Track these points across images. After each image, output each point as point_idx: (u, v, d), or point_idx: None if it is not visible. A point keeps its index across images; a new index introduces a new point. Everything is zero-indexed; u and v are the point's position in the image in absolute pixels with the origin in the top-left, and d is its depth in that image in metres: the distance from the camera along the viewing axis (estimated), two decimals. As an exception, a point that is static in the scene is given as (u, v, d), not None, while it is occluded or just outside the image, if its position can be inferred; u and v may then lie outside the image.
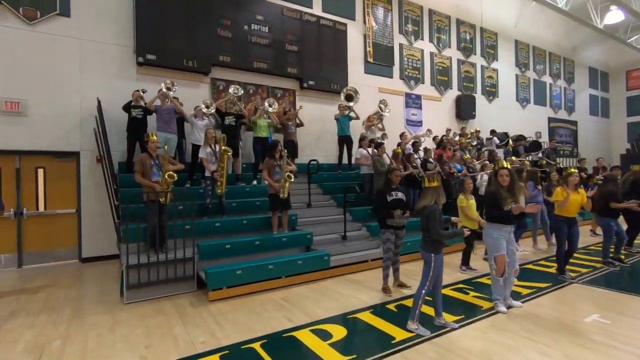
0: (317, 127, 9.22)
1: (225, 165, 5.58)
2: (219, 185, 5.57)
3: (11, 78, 5.92)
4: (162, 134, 5.94)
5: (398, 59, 10.99)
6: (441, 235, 3.26)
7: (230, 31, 7.83)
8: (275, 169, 5.60)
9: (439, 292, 3.43)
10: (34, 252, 6.27)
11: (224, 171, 5.58)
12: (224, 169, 5.56)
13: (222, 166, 5.55)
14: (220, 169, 5.56)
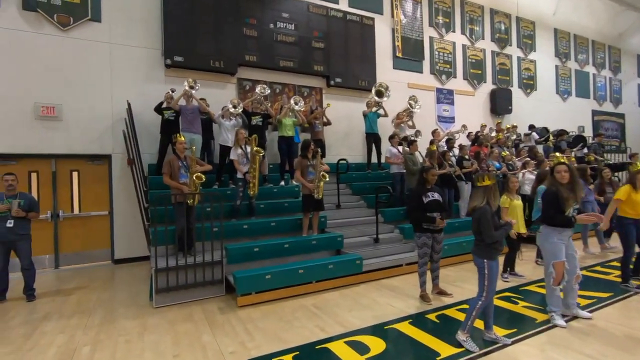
0: (345, 125, 8.96)
1: (257, 167, 5.45)
2: (251, 186, 5.45)
3: (47, 84, 6.07)
4: (187, 134, 5.88)
5: (428, 53, 10.53)
6: (494, 237, 2.92)
7: (256, 30, 7.73)
8: (308, 169, 5.41)
9: (491, 302, 3.08)
10: (70, 254, 6.41)
11: (256, 172, 5.46)
12: (256, 170, 5.43)
13: (254, 167, 5.42)
14: (252, 170, 5.44)
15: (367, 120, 8.21)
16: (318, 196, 5.35)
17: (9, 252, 4.51)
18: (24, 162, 6.12)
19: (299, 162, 5.47)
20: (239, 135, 5.61)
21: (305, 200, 5.42)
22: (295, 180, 5.65)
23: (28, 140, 5.95)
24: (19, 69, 5.89)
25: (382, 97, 8.24)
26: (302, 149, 5.52)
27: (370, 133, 8.19)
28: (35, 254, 6.06)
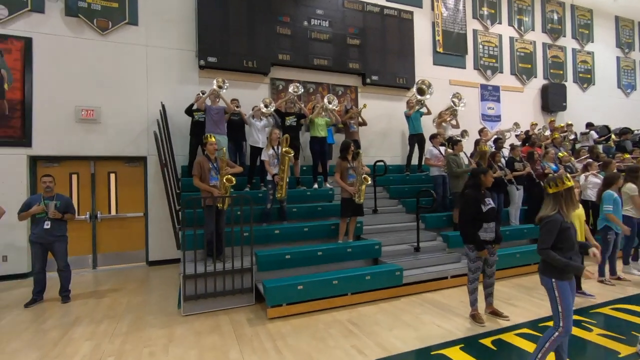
0: (381, 125, 8.52)
1: (287, 168, 5.19)
2: (278, 189, 5.19)
3: (87, 87, 6.19)
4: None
5: (472, 47, 9.82)
6: (551, 257, 2.41)
7: (289, 28, 7.51)
8: (348, 171, 5.06)
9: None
10: (107, 254, 6.50)
11: (284, 174, 5.19)
12: (285, 171, 5.17)
13: (282, 169, 5.17)
14: (281, 172, 5.18)
15: (410, 121, 7.72)
16: (359, 200, 4.99)
17: (46, 253, 4.55)
18: (65, 164, 6.28)
19: (339, 164, 5.13)
20: (272, 135, 5.37)
21: (344, 204, 5.07)
22: (336, 183, 5.31)
23: (69, 143, 6.09)
24: (62, 74, 6.05)
25: (424, 94, 7.72)
26: (341, 150, 5.18)
27: (414, 134, 7.69)
28: (74, 254, 6.27)
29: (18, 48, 5.80)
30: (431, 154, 6.63)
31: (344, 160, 5.13)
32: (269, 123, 6.23)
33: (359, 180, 5.02)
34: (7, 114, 5.75)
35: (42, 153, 5.97)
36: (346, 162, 5.12)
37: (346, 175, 5.10)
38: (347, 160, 5.13)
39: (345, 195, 5.08)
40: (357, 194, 5.01)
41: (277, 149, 5.38)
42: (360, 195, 5.02)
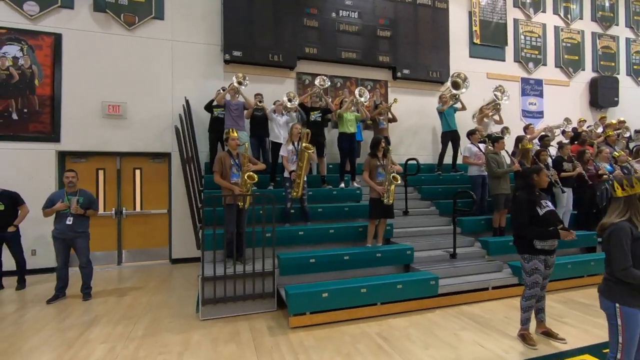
0: (412, 121, 8.05)
1: (305, 165, 4.87)
2: (294, 187, 4.90)
3: (113, 83, 6.17)
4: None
5: (512, 38, 9.11)
6: (630, 275, 1.96)
7: (317, 20, 7.21)
8: (377, 170, 4.70)
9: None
10: (131, 251, 6.47)
11: (302, 171, 4.88)
12: (303, 168, 4.85)
13: (300, 166, 4.86)
14: (299, 168, 4.88)
15: (443, 117, 7.22)
16: (388, 201, 4.62)
17: (68, 249, 4.49)
18: (92, 159, 6.29)
19: (368, 162, 4.78)
20: (293, 130, 5.08)
21: (372, 205, 4.72)
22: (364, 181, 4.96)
23: (96, 138, 6.09)
24: (89, 69, 6.05)
25: (459, 88, 7.20)
26: (372, 146, 4.82)
27: (448, 131, 7.19)
28: (100, 249, 6.29)
29: (48, 44, 5.85)
30: (470, 152, 6.11)
31: (374, 158, 4.77)
32: (291, 118, 5.95)
33: (388, 180, 4.65)
34: (38, 109, 5.81)
35: (69, 148, 6.00)
36: (376, 159, 4.75)
37: (375, 174, 4.74)
38: (377, 157, 4.76)
39: (373, 195, 4.73)
40: (386, 194, 4.64)
41: (297, 145, 5.08)
42: (389, 195, 4.64)
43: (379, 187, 4.64)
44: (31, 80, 5.78)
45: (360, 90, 6.14)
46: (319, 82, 6.06)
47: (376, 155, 4.77)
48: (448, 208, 5.98)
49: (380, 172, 4.74)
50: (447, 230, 5.50)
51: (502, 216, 5.48)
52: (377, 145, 4.78)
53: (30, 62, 5.76)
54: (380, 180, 4.71)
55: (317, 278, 4.19)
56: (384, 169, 4.73)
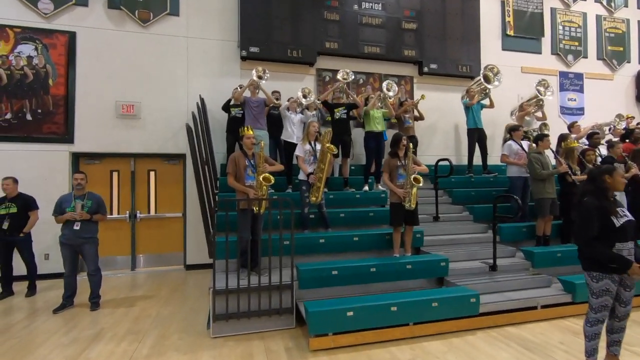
0: (440, 119, 7.51)
1: (327, 168, 4.44)
2: (313, 191, 4.47)
3: (127, 81, 5.97)
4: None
5: (549, 29, 8.42)
6: None
7: (338, 13, 6.80)
8: (398, 170, 4.24)
9: None
10: (145, 256, 6.24)
11: (323, 174, 4.45)
12: (324, 171, 4.43)
13: (321, 167, 4.44)
14: (319, 170, 4.46)
15: (470, 112, 6.65)
16: (410, 206, 4.14)
17: (76, 255, 4.25)
18: (106, 161, 6.11)
19: (387, 162, 4.33)
20: (310, 127, 4.67)
21: (393, 210, 4.26)
22: (384, 183, 4.51)
23: (110, 139, 5.89)
24: (103, 68, 5.87)
25: (490, 82, 6.62)
26: (391, 145, 4.37)
27: (474, 129, 6.62)
28: (113, 253, 6.10)
29: (62, 43, 5.70)
30: (509, 150, 5.53)
31: (394, 157, 4.30)
32: (306, 117, 5.55)
33: (409, 182, 4.16)
34: (52, 109, 5.66)
35: (83, 149, 5.82)
36: (396, 159, 4.28)
37: (396, 176, 4.27)
38: (398, 157, 4.29)
39: (393, 199, 4.26)
40: (407, 198, 4.15)
41: (314, 145, 4.67)
42: (411, 199, 4.15)
43: (399, 190, 4.17)
44: (45, 80, 5.64)
45: (388, 83, 5.67)
46: (342, 76, 5.63)
47: (396, 154, 4.30)
48: (484, 213, 5.44)
49: (401, 173, 4.27)
50: (484, 239, 4.96)
51: (547, 223, 4.88)
52: (397, 143, 4.32)
53: (44, 61, 5.63)
54: (401, 183, 4.24)
55: (340, 292, 3.77)
56: (405, 169, 4.25)
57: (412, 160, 4.21)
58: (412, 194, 4.12)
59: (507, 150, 5.49)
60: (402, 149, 4.27)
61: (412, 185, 4.11)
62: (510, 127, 5.94)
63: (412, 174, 4.13)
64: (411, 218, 4.22)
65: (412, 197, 4.12)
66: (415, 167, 4.18)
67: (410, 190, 4.11)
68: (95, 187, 5.96)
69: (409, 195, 4.11)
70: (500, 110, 7.25)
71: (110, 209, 6.08)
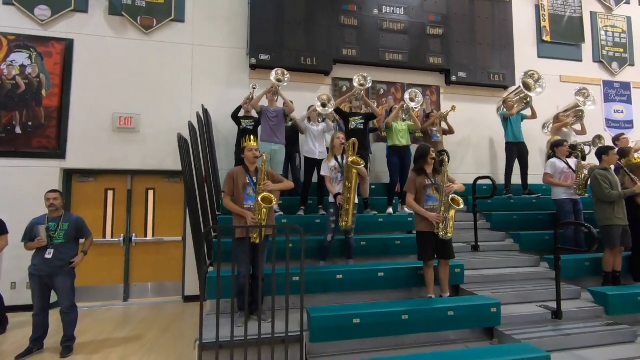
0: (472, 133, 6.72)
1: (354, 185, 3.71)
2: (342, 215, 3.72)
3: (126, 92, 5.48)
4: (266, 145, 4.52)
5: (590, 34, 7.63)
6: None
7: (356, 18, 6.23)
8: (426, 191, 3.46)
9: None
10: (140, 285, 5.56)
11: (351, 194, 3.71)
12: (352, 190, 3.69)
13: (348, 186, 3.71)
14: (347, 190, 3.73)
15: (508, 125, 5.86)
16: (445, 235, 3.33)
17: (48, 289, 3.58)
18: (101, 178, 5.56)
19: (413, 181, 3.54)
20: (335, 140, 3.96)
21: (421, 240, 3.45)
22: (408, 206, 3.71)
23: (106, 155, 5.36)
24: (101, 78, 5.41)
25: (531, 90, 5.83)
26: (417, 158, 3.60)
27: (513, 142, 5.81)
28: (105, 282, 5.44)
29: (59, 51, 5.29)
30: (553, 168, 4.68)
31: (420, 175, 3.52)
32: (328, 127, 4.87)
33: (444, 203, 3.36)
34: (43, 122, 5.19)
35: (76, 166, 5.29)
36: (423, 176, 3.50)
37: (423, 197, 3.48)
38: (425, 174, 3.51)
39: (421, 226, 3.45)
40: (442, 225, 3.34)
41: (342, 160, 3.95)
42: (447, 226, 3.34)
43: (432, 215, 3.36)
44: (38, 91, 5.20)
45: (411, 93, 4.96)
46: (359, 82, 4.96)
47: (423, 170, 3.52)
48: (533, 242, 4.56)
49: (431, 194, 3.47)
50: (536, 274, 4.07)
51: (617, 257, 3.96)
52: (424, 157, 3.54)
53: (38, 70, 5.21)
54: (431, 206, 3.44)
55: (364, 345, 2.95)
56: (436, 189, 3.46)
57: (447, 177, 3.42)
58: (449, 218, 3.31)
59: (550, 168, 4.63)
60: (431, 163, 3.50)
61: (449, 208, 3.31)
62: (554, 142, 5.10)
63: (449, 193, 3.34)
64: (445, 250, 3.40)
65: (448, 223, 3.31)
66: (451, 186, 3.39)
67: (446, 215, 3.30)
68: (88, 207, 5.46)
69: (445, 221, 3.30)
70: (537, 123, 6.45)
71: (104, 231, 5.49)
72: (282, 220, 4.35)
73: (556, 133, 6.04)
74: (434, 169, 3.53)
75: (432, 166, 3.52)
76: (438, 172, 3.51)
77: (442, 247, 3.41)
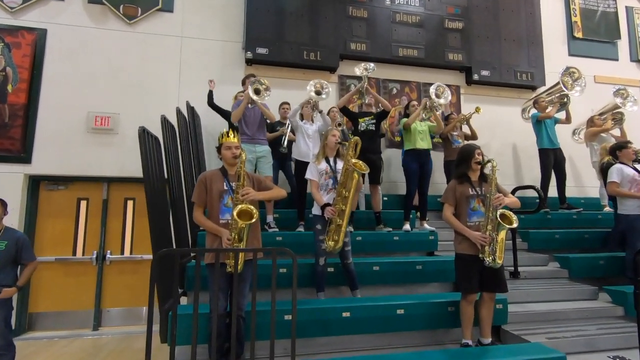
0: (491, 139, 5.91)
1: (352, 196, 2.87)
2: (329, 233, 2.89)
3: (105, 89, 4.83)
4: (250, 147, 3.76)
5: (626, 31, 6.86)
6: None
7: (365, 10, 5.56)
8: (470, 203, 2.66)
9: None
10: (113, 311, 4.78)
11: (347, 206, 2.88)
12: (349, 201, 2.86)
13: (344, 196, 2.89)
14: (339, 202, 2.90)
15: (542, 129, 5.07)
16: (493, 261, 2.51)
17: (-23, 323, 2.84)
18: (73, 186, 4.86)
19: (452, 189, 2.74)
20: (329, 137, 3.14)
21: (463, 266, 2.64)
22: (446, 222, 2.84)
23: (79, 159, 4.66)
24: (77, 72, 4.77)
25: (570, 90, 5.04)
26: (459, 162, 2.82)
27: (550, 149, 5.00)
28: (71, 307, 4.67)
29: (29, 42, 4.67)
30: (621, 175, 3.79)
31: (463, 183, 2.72)
32: (325, 124, 4.01)
33: (492, 221, 2.56)
34: (7, 121, 4.53)
35: (44, 171, 4.60)
36: (467, 185, 2.70)
37: (466, 210, 2.68)
38: (469, 181, 2.72)
39: (463, 248, 2.64)
40: (490, 248, 2.53)
41: (334, 163, 3.16)
42: (495, 250, 2.53)
43: (476, 234, 2.56)
44: (3, 86, 4.56)
45: (438, 87, 4.16)
46: (362, 72, 4.18)
47: (467, 177, 2.73)
48: (587, 267, 3.70)
49: (476, 207, 2.67)
50: (598, 311, 3.20)
51: None
52: (467, 161, 2.75)
53: (4, 63, 4.59)
54: (476, 222, 2.64)
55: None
56: (481, 201, 2.66)
57: (496, 187, 2.62)
58: (499, 239, 2.50)
59: (617, 175, 3.76)
60: (476, 169, 2.71)
61: (498, 228, 2.51)
62: (615, 144, 4.24)
63: (497, 207, 2.54)
64: (493, 280, 2.57)
65: (498, 246, 2.50)
66: (501, 199, 2.58)
67: (494, 235, 2.50)
68: (57, 220, 4.75)
69: (493, 243, 2.49)
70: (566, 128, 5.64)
71: (74, 248, 4.77)
72: (276, 238, 3.58)
73: (591, 139, 5.23)
74: (480, 176, 2.74)
75: (479, 172, 2.74)
76: (485, 180, 2.71)
77: (489, 276, 2.59)
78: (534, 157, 5.35)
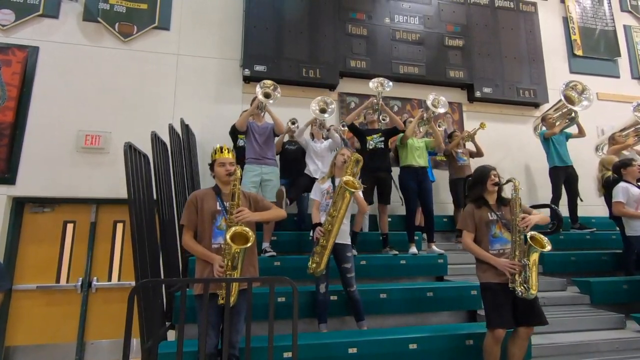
0: (502, 158, 5.74)
1: (341, 215, 2.63)
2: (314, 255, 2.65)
3: (97, 107, 4.65)
4: (254, 168, 3.57)
5: (625, 49, 6.85)
6: None
7: (365, 27, 5.51)
8: (491, 229, 2.42)
9: None
10: (98, 343, 4.42)
11: (333, 227, 2.64)
12: (337, 220, 2.62)
13: (334, 215, 2.65)
14: (327, 223, 2.67)
15: (551, 146, 4.93)
16: (525, 292, 2.25)
17: None
18: (60, 208, 4.60)
19: (470, 214, 2.49)
20: (338, 157, 2.96)
21: (492, 297, 2.36)
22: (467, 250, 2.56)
23: (67, 180, 4.42)
24: (68, 90, 4.61)
25: (575, 104, 4.91)
26: (473, 184, 2.59)
27: (560, 167, 4.83)
28: (52, 339, 4.31)
29: (20, 59, 4.53)
30: (626, 195, 3.61)
31: (481, 207, 2.49)
32: (335, 143, 3.88)
33: (519, 245, 2.31)
34: (-7, 140, 4.33)
35: (29, 193, 4.34)
36: (485, 209, 2.47)
37: (487, 237, 2.43)
38: (487, 205, 2.49)
39: (489, 277, 2.38)
40: (520, 277, 2.28)
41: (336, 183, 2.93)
42: (528, 278, 2.27)
43: (502, 262, 2.31)
44: (-10, 104, 4.40)
45: (435, 99, 4.01)
46: (375, 86, 4.06)
47: (484, 200, 2.50)
48: (609, 293, 3.42)
49: (497, 234, 2.43)
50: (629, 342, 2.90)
51: None
52: (483, 183, 2.52)
53: (-7, 81, 4.44)
54: (499, 250, 2.40)
55: None
56: (504, 226, 2.42)
57: (519, 207, 2.39)
58: (530, 266, 2.25)
59: (622, 195, 3.56)
60: (493, 190, 2.48)
61: (529, 252, 2.26)
62: (619, 161, 4.08)
63: (524, 229, 2.30)
64: (530, 311, 2.31)
65: (530, 275, 2.24)
66: (528, 220, 2.33)
67: (525, 262, 2.25)
68: (42, 244, 4.46)
69: (525, 272, 2.24)
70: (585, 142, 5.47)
71: (57, 274, 4.45)
72: (274, 263, 3.31)
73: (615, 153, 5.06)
74: (498, 199, 2.51)
75: (496, 195, 2.51)
76: (503, 203, 2.49)
77: (524, 307, 2.32)
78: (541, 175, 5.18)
